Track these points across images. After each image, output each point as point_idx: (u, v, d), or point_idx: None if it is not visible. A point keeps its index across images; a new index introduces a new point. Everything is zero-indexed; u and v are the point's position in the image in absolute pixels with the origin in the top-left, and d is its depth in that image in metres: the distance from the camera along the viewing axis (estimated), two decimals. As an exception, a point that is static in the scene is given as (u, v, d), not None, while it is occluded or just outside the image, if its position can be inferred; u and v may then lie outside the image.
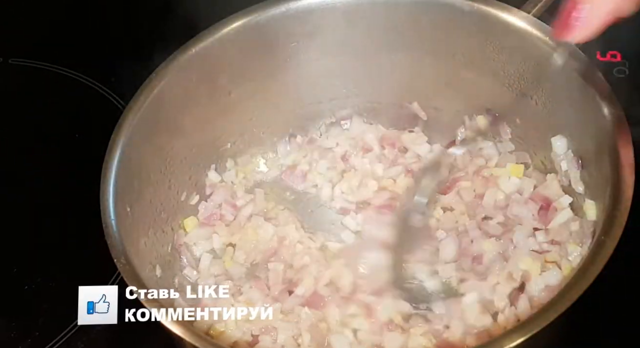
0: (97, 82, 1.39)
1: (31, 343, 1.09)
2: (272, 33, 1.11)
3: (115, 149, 0.99)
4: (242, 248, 1.13)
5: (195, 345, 0.82)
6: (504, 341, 0.79)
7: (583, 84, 0.97)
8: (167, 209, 1.10)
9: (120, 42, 1.42)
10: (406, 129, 1.23)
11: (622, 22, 0.82)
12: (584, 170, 1.03)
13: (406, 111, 1.22)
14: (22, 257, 1.20)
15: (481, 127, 1.15)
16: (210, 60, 1.10)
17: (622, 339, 1.02)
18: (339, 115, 1.24)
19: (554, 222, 1.05)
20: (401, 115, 1.22)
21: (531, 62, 1.05)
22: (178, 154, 1.11)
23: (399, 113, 1.22)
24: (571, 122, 1.03)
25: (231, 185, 1.20)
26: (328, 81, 1.21)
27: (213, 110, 1.14)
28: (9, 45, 1.51)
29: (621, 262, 0.85)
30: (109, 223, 0.93)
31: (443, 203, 1.14)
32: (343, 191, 1.19)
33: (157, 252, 1.06)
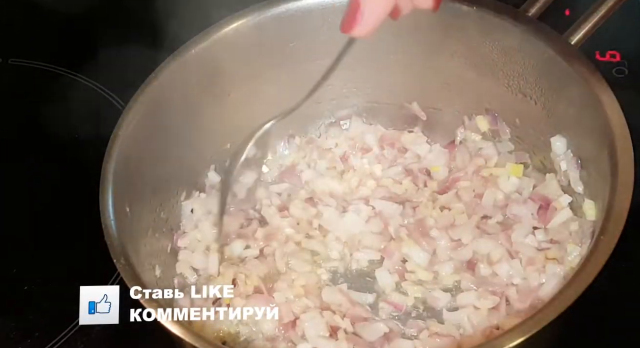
0: (96, 82, 1.39)
1: (31, 343, 1.09)
2: (271, 33, 1.11)
3: (115, 149, 0.99)
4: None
5: (195, 345, 0.82)
6: (504, 341, 0.79)
7: (582, 84, 0.97)
8: (166, 209, 1.10)
9: (120, 42, 1.41)
10: (405, 129, 1.23)
11: (621, 22, 0.82)
12: (583, 170, 1.03)
13: (405, 111, 1.22)
14: (22, 257, 1.20)
15: (481, 127, 1.15)
16: (210, 61, 1.10)
17: (622, 339, 1.02)
18: (338, 115, 1.24)
19: (554, 222, 1.05)
20: (400, 116, 1.22)
21: (530, 62, 1.05)
22: (177, 154, 1.11)
23: (398, 113, 1.22)
24: (570, 122, 1.03)
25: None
26: (328, 81, 1.20)
27: (213, 110, 1.14)
28: (8, 46, 1.51)
29: (621, 262, 0.86)
30: (108, 223, 0.93)
31: (441, 203, 1.14)
32: (343, 191, 1.19)
33: (156, 253, 1.06)
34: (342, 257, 1.11)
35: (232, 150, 1.20)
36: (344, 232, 1.12)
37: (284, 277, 1.08)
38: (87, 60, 1.42)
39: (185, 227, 1.13)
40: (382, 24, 0.80)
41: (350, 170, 1.21)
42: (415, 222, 1.12)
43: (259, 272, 1.07)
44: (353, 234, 1.12)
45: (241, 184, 1.11)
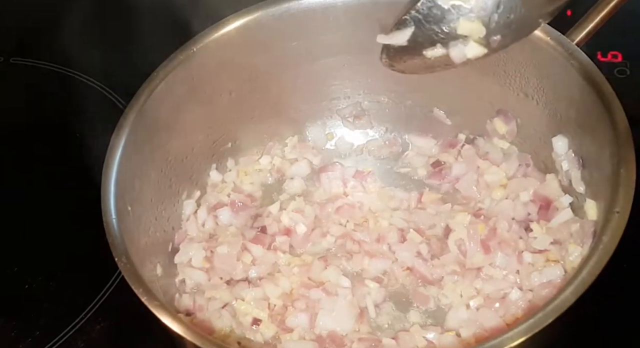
0: (98, 81, 1.40)
1: (32, 342, 1.09)
2: (273, 32, 1.11)
3: (116, 148, 0.99)
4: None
5: (196, 343, 0.82)
6: (505, 341, 0.79)
7: (584, 84, 0.97)
8: (168, 208, 1.10)
9: (121, 41, 1.42)
10: (407, 128, 1.23)
11: (623, 23, 0.82)
12: (584, 170, 1.03)
13: (407, 110, 1.22)
14: (22, 257, 1.20)
15: (498, 129, 1.15)
16: (211, 60, 1.10)
17: (622, 339, 1.02)
18: (339, 114, 1.24)
19: (554, 222, 1.05)
20: (402, 115, 1.22)
21: (532, 62, 1.05)
22: (179, 153, 1.11)
23: (400, 112, 1.22)
24: (572, 121, 1.03)
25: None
26: (328, 81, 1.21)
27: (214, 109, 1.14)
28: (10, 45, 1.51)
29: (622, 262, 0.85)
30: (110, 222, 0.93)
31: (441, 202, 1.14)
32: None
33: (158, 251, 1.06)
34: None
35: (233, 150, 1.20)
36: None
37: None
38: (88, 60, 1.42)
39: (186, 225, 1.13)
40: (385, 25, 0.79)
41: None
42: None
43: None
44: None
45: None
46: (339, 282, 1.06)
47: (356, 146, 1.25)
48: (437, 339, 1.00)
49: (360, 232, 1.12)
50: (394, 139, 1.24)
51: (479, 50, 0.91)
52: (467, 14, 0.89)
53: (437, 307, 1.05)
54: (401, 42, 0.93)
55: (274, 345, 1.01)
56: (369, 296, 1.05)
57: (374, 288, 1.06)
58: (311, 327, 1.02)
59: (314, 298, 1.04)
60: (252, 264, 1.09)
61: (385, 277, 1.08)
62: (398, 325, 1.04)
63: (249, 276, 1.08)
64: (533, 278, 1.01)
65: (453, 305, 1.04)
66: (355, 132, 1.25)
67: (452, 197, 1.16)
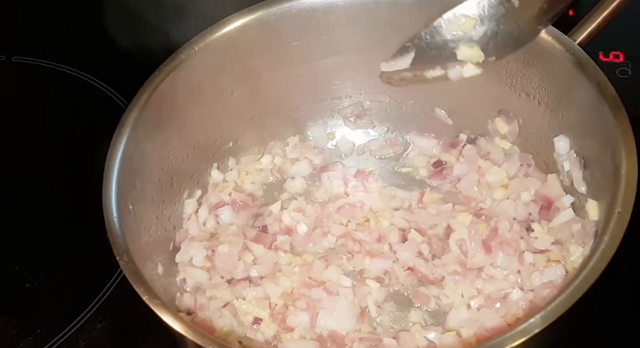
0: (99, 80, 1.40)
1: (33, 341, 1.09)
2: (274, 32, 1.11)
3: (118, 147, 1.00)
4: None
5: (197, 342, 0.82)
6: (505, 341, 0.79)
7: (586, 84, 0.97)
8: (169, 207, 1.10)
9: (123, 40, 1.41)
10: (408, 127, 1.23)
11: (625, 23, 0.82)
12: (586, 170, 1.03)
13: (408, 110, 1.22)
14: (23, 256, 1.20)
15: (500, 129, 1.15)
16: (213, 59, 1.10)
17: (622, 339, 1.02)
18: (340, 113, 1.24)
19: (555, 222, 1.05)
20: (403, 115, 1.22)
21: (534, 62, 1.05)
22: (180, 152, 1.11)
23: (401, 112, 1.22)
24: (574, 122, 1.03)
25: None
26: (330, 80, 1.21)
27: (215, 108, 1.14)
28: (11, 43, 1.51)
29: (623, 263, 0.85)
30: (111, 221, 0.93)
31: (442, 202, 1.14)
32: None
33: (159, 250, 1.06)
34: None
35: (234, 149, 1.20)
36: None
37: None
38: (90, 58, 1.43)
39: (188, 224, 1.13)
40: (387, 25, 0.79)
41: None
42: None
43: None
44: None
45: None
46: (339, 281, 1.06)
47: (357, 146, 1.25)
48: (438, 339, 1.00)
49: (361, 232, 1.12)
50: (395, 138, 1.24)
51: (476, 71, 0.97)
52: (467, 41, 0.94)
53: (438, 306, 1.05)
54: (403, 67, 0.97)
55: (274, 344, 1.01)
56: (370, 296, 1.05)
57: (375, 288, 1.06)
58: (312, 326, 1.02)
59: (315, 297, 1.04)
60: (253, 263, 1.09)
61: (386, 277, 1.08)
62: (399, 325, 1.04)
63: (250, 275, 1.08)
64: (534, 278, 1.01)
65: (454, 305, 1.04)
66: (357, 131, 1.25)
67: (454, 197, 1.16)
